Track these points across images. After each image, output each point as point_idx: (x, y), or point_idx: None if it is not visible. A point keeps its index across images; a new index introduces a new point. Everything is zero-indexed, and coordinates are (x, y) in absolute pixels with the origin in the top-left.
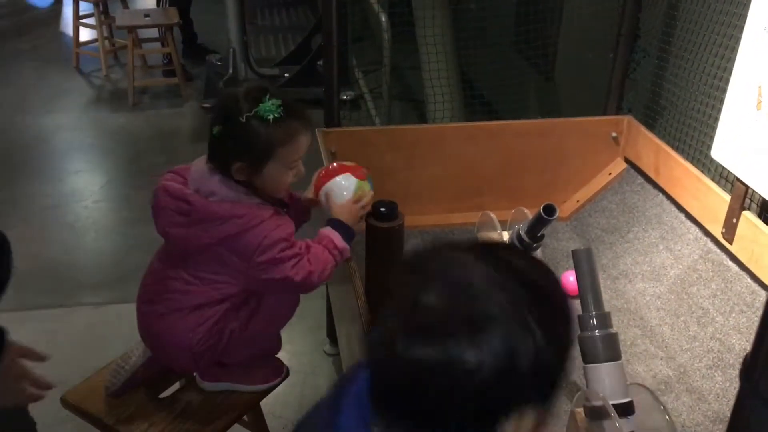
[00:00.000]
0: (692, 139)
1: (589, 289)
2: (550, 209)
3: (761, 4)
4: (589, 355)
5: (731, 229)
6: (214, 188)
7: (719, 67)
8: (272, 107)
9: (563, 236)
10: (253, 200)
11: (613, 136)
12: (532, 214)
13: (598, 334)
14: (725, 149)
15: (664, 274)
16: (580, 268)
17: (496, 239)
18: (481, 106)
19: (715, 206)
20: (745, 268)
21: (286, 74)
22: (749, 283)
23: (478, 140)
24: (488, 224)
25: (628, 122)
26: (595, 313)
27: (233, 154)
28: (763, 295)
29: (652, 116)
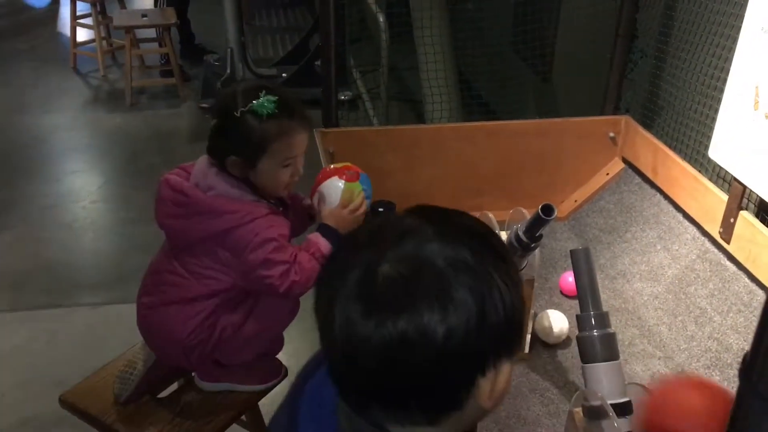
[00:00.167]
0: (690, 139)
1: (587, 288)
2: (548, 209)
3: (758, 4)
4: (587, 354)
5: (729, 228)
6: (212, 183)
7: (716, 67)
8: (267, 103)
9: (561, 236)
10: (249, 197)
11: (610, 136)
12: (530, 214)
13: (596, 333)
14: (722, 149)
15: (661, 273)
16: (578, 268)
17: None
18: (479, 106)
19: (712, 206)
20: (742, 267)
21: (283, 74)
22: (747, 282)
23: (476, 140)
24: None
25: (625, 122)
26: (593, 312)
27: (228, 148)
28: (760, 294)
29: (649, 116)
